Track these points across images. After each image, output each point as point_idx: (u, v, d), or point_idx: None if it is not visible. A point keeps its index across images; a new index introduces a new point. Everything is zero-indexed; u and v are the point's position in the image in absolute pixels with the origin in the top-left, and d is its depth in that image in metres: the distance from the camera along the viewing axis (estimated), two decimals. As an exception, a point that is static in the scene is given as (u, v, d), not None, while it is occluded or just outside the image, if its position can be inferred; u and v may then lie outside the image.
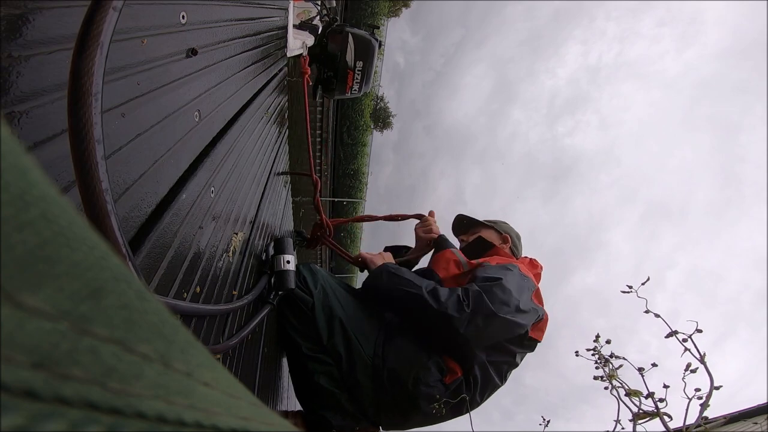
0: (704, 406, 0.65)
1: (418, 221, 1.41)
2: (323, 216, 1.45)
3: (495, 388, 1.10)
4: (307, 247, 1.54)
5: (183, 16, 0.58)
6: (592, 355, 0.82)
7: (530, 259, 1.29)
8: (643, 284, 0.82)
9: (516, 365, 1.12)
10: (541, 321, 1.11)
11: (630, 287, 0.83)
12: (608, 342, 0.83)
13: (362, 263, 1.25)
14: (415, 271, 1.33)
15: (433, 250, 1.30)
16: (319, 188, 1.48)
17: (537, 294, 1.13)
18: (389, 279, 1.12)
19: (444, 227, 1.44)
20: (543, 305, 1.14)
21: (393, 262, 1.26)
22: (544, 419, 0.86)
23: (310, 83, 1.69)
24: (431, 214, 1.40)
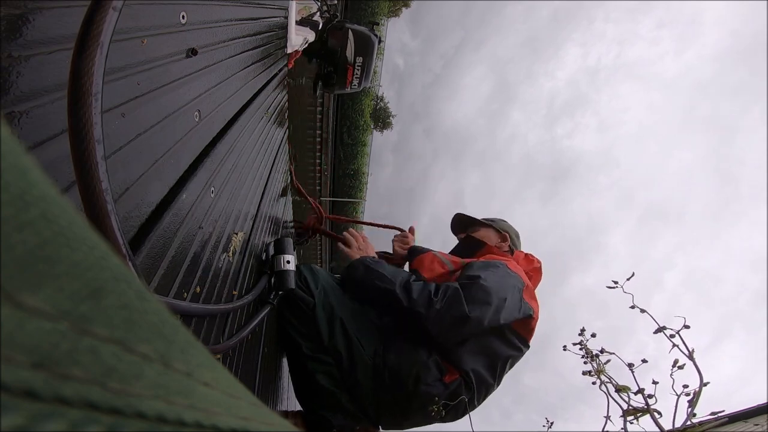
0: (693, 403, 0.65)
1: (397, 233, 1.43)
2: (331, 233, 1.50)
3: (490, 387, 1.09)
4: (298, 238, 1.57)
5: (183, 16, 0.58)
6: (580, 349, 0.82)
7: (525, 254, 1.28)
8: (628, 279, 0.82)
9: (510, 365, 1.12)
10: (529, 319, 1.08)
11: (615, 282, 0.83)
12: (593, 336, 0.82)
13: (342, 255, 1.25)
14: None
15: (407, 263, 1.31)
16: (322, 219, 1.52)
17: (527, 291, 1.10)
18: (365, 272, 1.11)
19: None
20: (536, 303, 1.12)
21: (373, 254, 1.25)
22: (548, 421, 0.86)
23: (287, 77, 1.71)
24: (411, 230, 1.41)
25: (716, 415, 0.67)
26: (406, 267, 1.30)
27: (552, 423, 0.85)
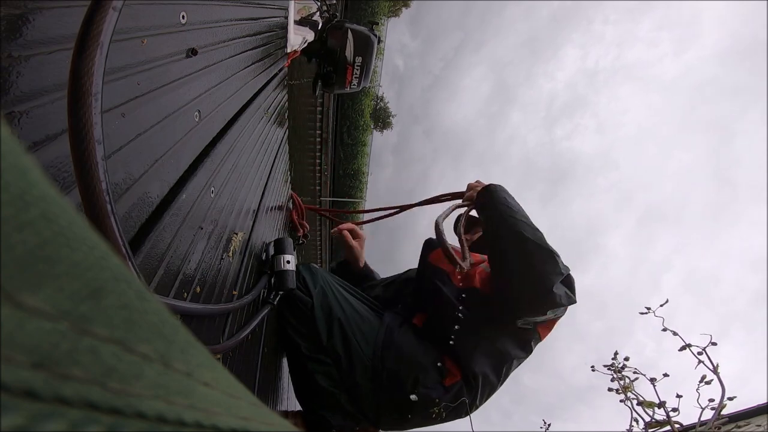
0: (717, 415, 0.66)
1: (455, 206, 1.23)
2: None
3: (493, 389, 1.09)
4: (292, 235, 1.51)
5: (183, 16, 0.58)
6: (609, 369, 0.83)
7: None
8: (661, 306, 0.83)
9: (515, 366, 1.11)
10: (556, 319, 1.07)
11: (648, 308, 0.84)
12: (627, 359, 0.83)
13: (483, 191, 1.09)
14: (408, 270, 1.31)
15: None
16: (303, 214, 1.47)
17: None
18: (508, 197, 1.02)
19: (445, 230, 1.35)
20: None
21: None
22: (545, 422, 0.86)
23: (286, 77, 1.70)
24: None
25: (727, 416, 0.68)
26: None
27: (549, 425, 0.85)
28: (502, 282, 0.99)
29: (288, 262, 1.03)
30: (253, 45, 1.02)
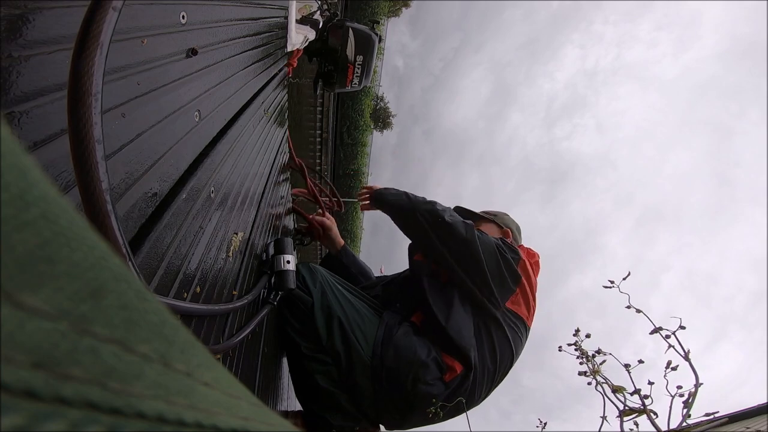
0: (688, 403, 0.66)
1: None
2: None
3: (492, 379, 1.09)
4: (298, 234, 1.59)
5: (183, 16, 0.58)
6: (575, 350, 0.83)
7: (527, 248, 1.29)
8: (624, 279, 0.83)
9: (511, 359, 1.12)
10: (514, 294, 1.11)
11: (612, 282, 0.84)
12: (588, 336, 0.83)
13: (374, 195, 1.33)
14: (407, 270, 1.33)
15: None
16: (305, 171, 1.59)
17: (522, 265, 1.14)
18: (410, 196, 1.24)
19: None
20: (529, 279, 1.15)
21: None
22: (540, 421, 0.86)
23: (290, 76, 1.75)
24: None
25: (712, 416, 0.68)
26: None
27: (545, 423, 0.85)
28: (413, 233, 1.20)
29: (288, 262, 1.03)
30: (253, 45, 1.02)
